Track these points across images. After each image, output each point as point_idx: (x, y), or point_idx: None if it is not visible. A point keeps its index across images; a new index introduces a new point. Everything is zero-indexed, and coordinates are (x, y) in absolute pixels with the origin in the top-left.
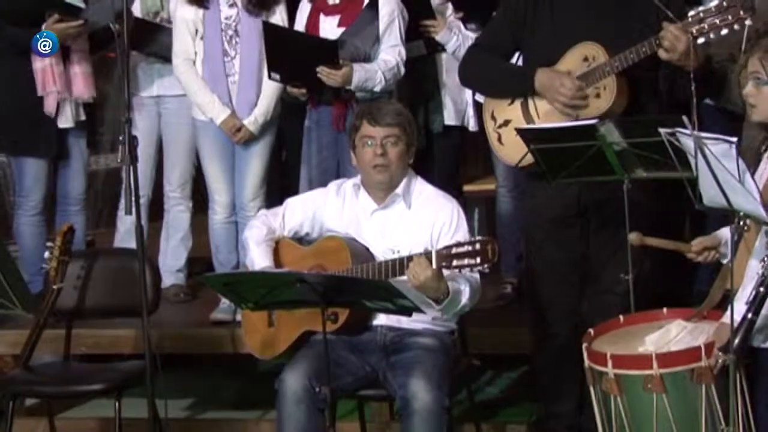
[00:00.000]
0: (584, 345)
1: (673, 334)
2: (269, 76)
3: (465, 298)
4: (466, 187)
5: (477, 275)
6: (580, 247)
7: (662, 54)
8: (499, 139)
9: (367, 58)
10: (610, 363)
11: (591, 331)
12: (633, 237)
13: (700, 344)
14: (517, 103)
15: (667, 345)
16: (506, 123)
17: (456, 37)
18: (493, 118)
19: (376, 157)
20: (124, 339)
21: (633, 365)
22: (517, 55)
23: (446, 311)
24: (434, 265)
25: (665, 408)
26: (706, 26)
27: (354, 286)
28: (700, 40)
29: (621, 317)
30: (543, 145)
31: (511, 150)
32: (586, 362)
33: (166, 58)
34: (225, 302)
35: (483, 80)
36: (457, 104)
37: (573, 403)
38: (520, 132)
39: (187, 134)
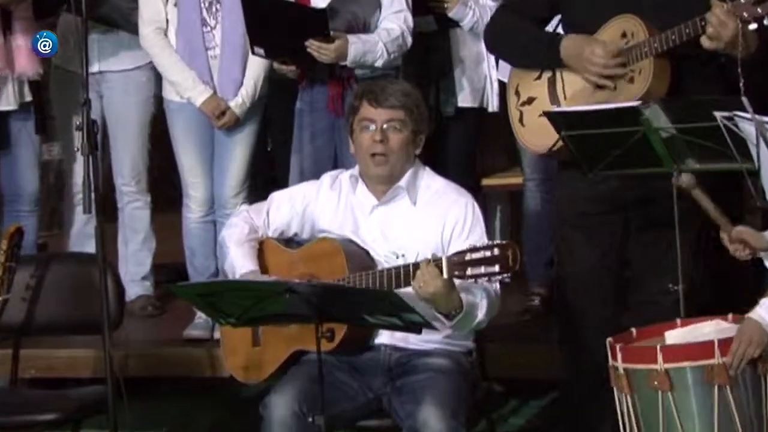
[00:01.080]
0: (608, 340)
1: (704, 331)
2: (252, 52)
3: (481, 312)
4: (486, 181)
5: (496, 285)
6: (620, 249)
7: (704, 42)
8: (521, 119)
9: (367, 27)
10: (619, 356)
11: (633, 330)
12: (686, 179)
13: (713, 338)
14: (545, 79)
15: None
16: (530, 101)
17: (472, 12)
18: (517, 93)
19: (375, 144)
20: (82, 360)
21: (640, 359)
22: (556, 21)
23: (459, 328)
24: (445, 274)
25: (672, 409)
26: (760, 10)
27: (353, 298)
28: (752, 26)
29: (678, 320)
30: (576, 131)
31: (533, 133)
32: (610, 361)
33: (116, 23)
34: (201, 316)
35: (508, 45)
36: (474, 82)
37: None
38: (550, 116)
39: (135, 115)
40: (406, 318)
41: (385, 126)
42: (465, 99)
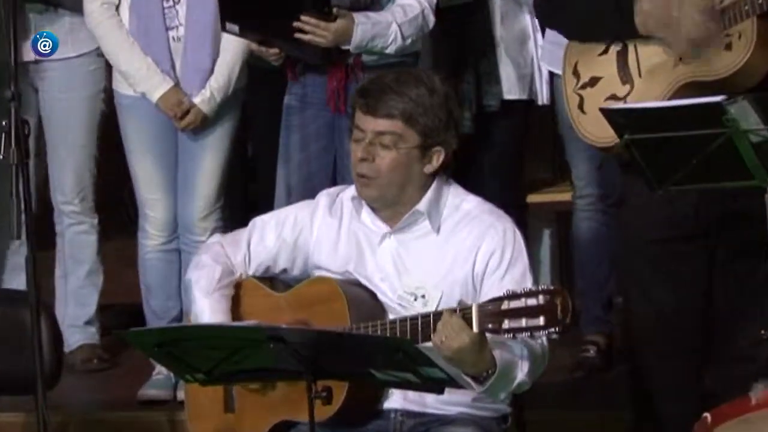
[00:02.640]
0: None
1: None
2: (223, 28)
3: (521, 373)
4: (531, 198)
5: (543, 337)
6: (704, 287)
7: None
8: (581, 105)
9: (379, 3)
10: None
11: (708, 416)
12: None
13: None
14: (613, 54)
15: None
16: (593, 82)
17: None
18: (576, 73)
19: (358, 162)
20: (9, 427)
21: None
22: None
23: (491, 393)
24: (475, 327)
25: None
26: None
27: (357, 348)
28: None
29: (752, 396)
30: (643, 134)
31: (597, 122)
32: None
33: (54, 1)
34: (161, 372)
35: (566, 11)
36: (520, 67)
37: None
38: (608, 114)
39: (81, 114)
40: (423, 373)
41: (374, 140)
42: (511, 89)
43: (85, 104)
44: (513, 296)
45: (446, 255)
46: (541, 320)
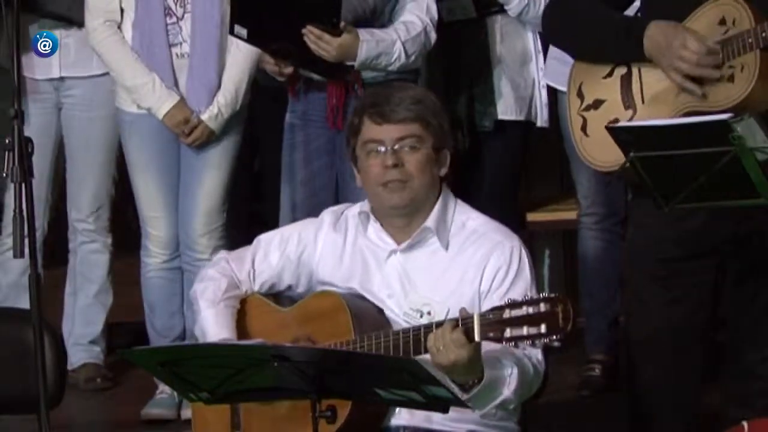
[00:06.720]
0: None
1: None
2: (231, 31)
3: (508, 389)
4: (532, 216)
5: (538, 352)
6: (711, 307)
7: None
8: (584, 127)
9: (377, 16)
10: None
11: None
12: None
13: None
14: (617, 76)
15: None
16: (597, 104)
17: None
18: (581, 94)
19: (388, 170)
20: None
21: None
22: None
23: (474, 404)
24: (476, 336)
25: None
26: None
27: (361, 367)
28: None
29: (745, 424)
30: (649, 152)
31: (600, 146)
32: None
33: (68, 19)
34: (165, 391)
35: (574, 31)
36: (519, 88)
37: None
38: (614, 132)
39: (102, 135)
40: (429, 392)
41: (397, 146)
42: (507, 109)
43: (107, 123)
44: (514, 305)
45: (453, 272)
46: (543, 328)
